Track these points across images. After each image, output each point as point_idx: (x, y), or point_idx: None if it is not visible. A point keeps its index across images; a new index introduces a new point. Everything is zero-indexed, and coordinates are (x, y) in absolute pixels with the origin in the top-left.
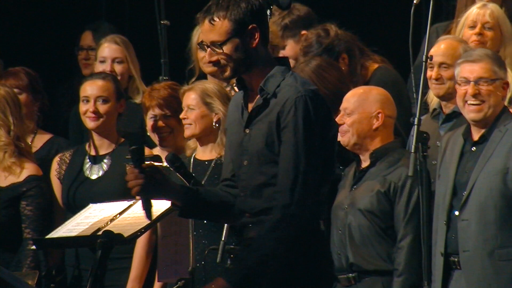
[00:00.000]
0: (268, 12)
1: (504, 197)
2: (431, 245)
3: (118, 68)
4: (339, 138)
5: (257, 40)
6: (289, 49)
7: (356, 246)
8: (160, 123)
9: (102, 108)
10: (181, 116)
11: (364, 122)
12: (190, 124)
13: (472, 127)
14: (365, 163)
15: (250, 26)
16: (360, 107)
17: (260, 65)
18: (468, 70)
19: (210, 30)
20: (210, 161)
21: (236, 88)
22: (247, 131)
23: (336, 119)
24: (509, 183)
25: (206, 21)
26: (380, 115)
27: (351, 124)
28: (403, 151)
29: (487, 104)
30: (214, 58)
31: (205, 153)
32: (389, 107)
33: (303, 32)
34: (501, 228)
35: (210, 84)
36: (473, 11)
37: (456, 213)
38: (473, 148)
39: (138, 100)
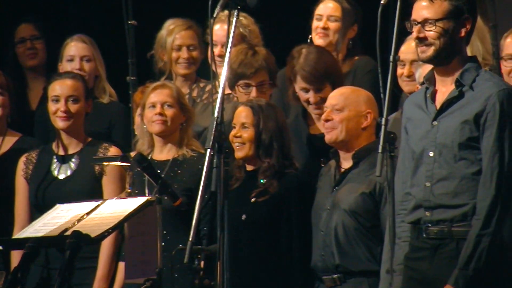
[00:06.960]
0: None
1: None
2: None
3: (86, 66)
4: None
5: (467, 31)
6: None
7: (342, 247)
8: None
9: (73, 107)
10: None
11: (354, 120)
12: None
13: None
14: (346, 164)
15: (465, 16)
16: (351, 105)
17: (458, 57)
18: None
19: (427, 7)
20: (166, 161)
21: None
22: (435, 123)
23: (323, 116)
24: None
25: None
26: (369, 115)
27: (340, 121)
28: None
29: None
30: (422, 34)
31: (162, 154)
32: (376, 109)
33: None
34: None
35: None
36: None
37: None
38: None
39: (104, 100)
